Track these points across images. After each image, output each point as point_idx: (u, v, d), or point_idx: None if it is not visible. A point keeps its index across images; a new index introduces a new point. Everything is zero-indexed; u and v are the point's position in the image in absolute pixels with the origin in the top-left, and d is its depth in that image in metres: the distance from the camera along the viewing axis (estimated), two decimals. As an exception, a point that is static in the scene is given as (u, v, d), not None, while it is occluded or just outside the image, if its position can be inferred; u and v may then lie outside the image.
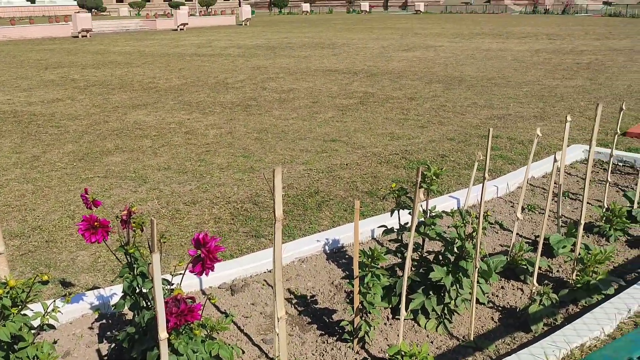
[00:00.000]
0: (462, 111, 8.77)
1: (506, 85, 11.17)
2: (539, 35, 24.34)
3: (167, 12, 47.68)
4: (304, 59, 16.76)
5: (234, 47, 21.19)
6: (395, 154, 6.39)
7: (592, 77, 12.09)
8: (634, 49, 17.83)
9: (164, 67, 15.47)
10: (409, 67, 14.24)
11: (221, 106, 9.59)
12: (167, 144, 7.10)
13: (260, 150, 6.71)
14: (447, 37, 24.29)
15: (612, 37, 22.65)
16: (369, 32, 28.57)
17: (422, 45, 20.53)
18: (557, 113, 8.53)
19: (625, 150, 6.29)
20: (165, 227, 4.46)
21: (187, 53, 19.39)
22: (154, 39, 27.26)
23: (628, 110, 8.58)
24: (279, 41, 23.70)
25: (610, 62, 14.47)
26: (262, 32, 30.11)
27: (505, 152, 6.37)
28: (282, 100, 10.01)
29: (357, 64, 15.13)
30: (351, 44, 21.41)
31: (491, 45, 20.05)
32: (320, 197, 5.06)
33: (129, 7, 57.46)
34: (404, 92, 10.68)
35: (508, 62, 15.05)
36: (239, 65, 15.55)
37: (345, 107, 9.26)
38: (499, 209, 4.80)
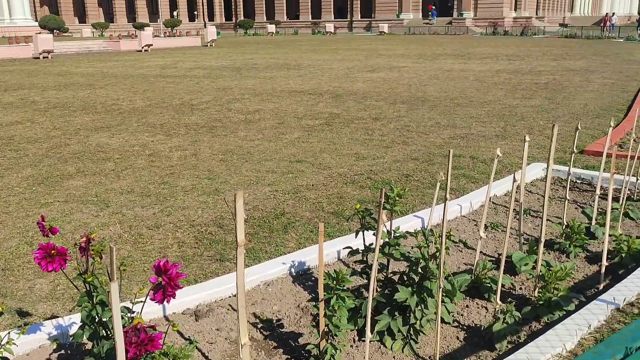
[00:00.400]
0: (425, 131, 8.90)
1: (468, 105, 11.40)
2: (499, 56, 25.00)
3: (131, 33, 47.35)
4: (269, 80, 16.82)
5: (199, 68, 21.14)
6: (361, 174, 6.43)
7: (550, 96, 12.44)
8: (589, 69, 18.45)
9: (127, 88, 15.30)
10: (373, 88, 14.42)
11: (186, 128, 9.52)
12: (130, 166, 6.99)
13: (225, 172, 6.66)
14: (410, 58, 24.74)
15: (569, 57, 23.43)
16: (334, 53, 28.90)
17: (387, 66, 20.85)
18: (518, 132, 8.74)
19: (583, 167, 6.46)
20: (127, 252, 4.36)
21: (152, 74, 19.24)
22: (118, 60, 27.00)
23: (585, 129, 8.85)
24: (245, 62, 23.75)
25: (567, 82, 14.94)
26: (228, 53, 30.14)
27: (468, 171, 6.47)
28: (247, 122, 9.99)
29: (322, 85, 15.25)
30: (316, 65, 21.60)
31: (453, 65, 20.49)
32: (286, 218, 5.05)
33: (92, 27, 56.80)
34: (368, 112, 10.79)
35: (470, 82, 15.39)
36: (204, 86, 15.50)
37: (311, 128, 9.30)
38: (462, 227, 4.86)
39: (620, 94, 12.64)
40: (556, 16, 77.00)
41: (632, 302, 3.37)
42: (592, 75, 16.65)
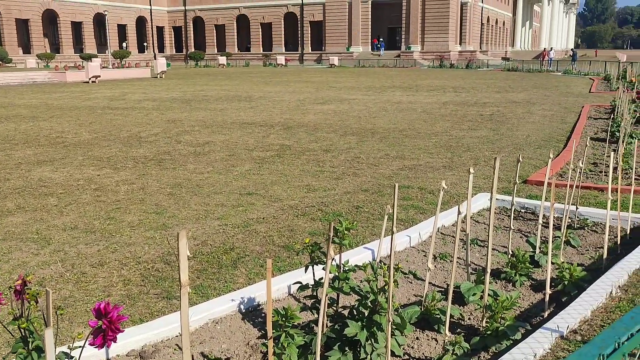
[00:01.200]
0: (375, 162, 9.03)
1: (416, 137, 11.66)
2: (446, 88, 25.79)
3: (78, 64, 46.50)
4: (220, 111, 16.76)
5: (148, 100, 20.88)
6: (312, 206, 6.43)
7: (494, 127, 12.87)
8: (531, 101, 19.25)
9: (73, 120, 14.93)
10: (324, 120, 14.57)
11: (133, 161, 9.33)
12: (75, 201, 6.78)
13: (173, 205, 6.54)
14: (360, 90, 25.20)
15: (511, 90, 24.39)
16: (286, 85, 29.14)
17: (337, 98, 21.16)
18: (464, 163, 8.97)
19: (526, 197, 6.67)
20: (69, 292, 4.19)
21: (99, 106, 18.87)
22: (64, 91, 26.39)
23: (528, 159, 9.17)
24: (195, 94, 23.63)
25: (510, 114, 15.51)
26: (178, 85, 29.95)
27: (416, 202, 6.57)
28: (197, 154, 9.89)
29: (273, 117, 15.31)
30: (268, 97, 21.70)
31: (402, 98, 20.98)
32: (236, 253, 4.97)
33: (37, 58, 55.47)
34: (320, 144, 10.87)
35: (418, 114, 15.77)
36: (153, 118, 15.30)
37: (262, 160, 9.28)
38: (412, 258, 4.90)
39: (559, 125, 13.21)
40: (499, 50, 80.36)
41: (575, 329, 3.45)
42: (534, 107, 17.35)
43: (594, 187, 7.12)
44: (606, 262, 4.62)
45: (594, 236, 5.48)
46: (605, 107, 16.66)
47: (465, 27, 64.67)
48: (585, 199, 6.57)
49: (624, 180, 7.46)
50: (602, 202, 6.35)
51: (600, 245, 5.14)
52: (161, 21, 72.65)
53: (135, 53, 67.73)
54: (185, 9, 72.13)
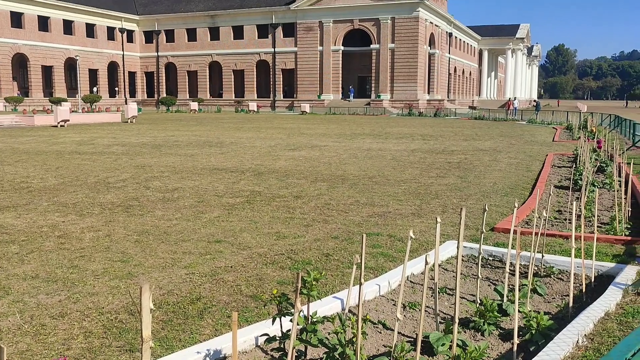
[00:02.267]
0: (345, 209, 9.06)
1: (386, 184, 11.78)
2: (414, 135, 26.28)
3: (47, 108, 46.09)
4: (190, 157, 16.71)
5: (118, 145, 20.72)
6: (281, 254, 6.38)
7: (462, 175, 13.10)
8: (497, 149, 19.72)
9: (39, 165, 14.68)
10: (295, 166, 14.64)
11: (100, 207, 9.17)
12: (37, 249, 6.59)
13: (140, 253, 6.41)
14: (331, 137, 25.49)
15: (478, 138, 24.99)
16: (257, 131, 29.31)
17: (308, 144, 21.34)
18: (433, 210, 9.06)
19: (494, 245, 6.75)
20: (27, 346, 4.02)
21: (67, 151, 18.63)
22: (31, 135, 26.02)
23: (495, 207, 9.33)
24: (166, 139, 23.56)
25: (477, 162, 15.83)
26: (149, 130, 29.84)
27: (386, 250, 6.58)
28: (166, 200, 9.78)
29: (244, 163, 15.32)
30: (239, 143, 21.76)
31: (372, 145, 21.28)
32: (202, 303, 4.87)
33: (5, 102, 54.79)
34: (290, 190, 10.89)
35: (387, 161, 15.97)
36: (122, 163, 15.15)
37: (231, 206, 9.22)
38: (381, 307, 4.87)
39: (525, 173, 13.52)
40: (466, 99, 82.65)
41: (543, 379, 3.45)
42: (500, 155, 17.77)
43: (559, 235, 7.25)
44: (572, 311, 4.67)
45: (560, 284, 5.55)
46: (568, 156, 17.17)
47: (433, 76, 66.54)
48: (550, 247, 6.68)
49: (587, 227, 7.62)
50: (567, 249, 6.47)
51: (566, 293, 5.20)
52: (133, 66, 72.90)
53: (107, 98, 67.53)
54: (158, 55, 72.65)
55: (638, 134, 21.80)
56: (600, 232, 7.34)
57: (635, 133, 22.61)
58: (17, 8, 57.19)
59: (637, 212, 8.89)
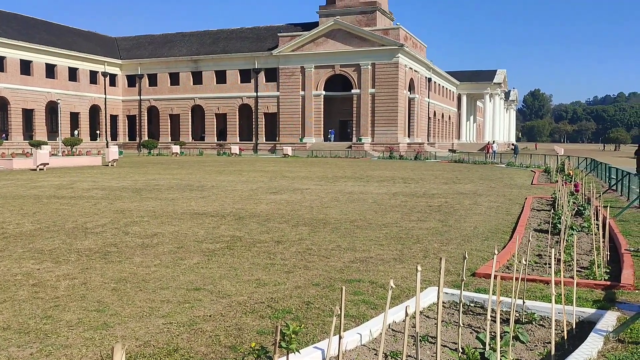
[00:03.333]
0: (326, 254, 9.00)
1: (367, 228, 11.77)
2: (395, 179, 26.46)
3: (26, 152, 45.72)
4: (171, 201, 16.58)
5: (97, 189, 20.51)
6: (261, 302, 6.28)
7: (443, 219, 13.16)
8: (477, 192, 19.91)
9: (16, 210, 14.44)
10: (276, 210, 14.59)
11: (77, 253, 9.00)
12: (10, 298, 6.41)
13: (116, 302, 6.27)
14: (313, 180, 25.55)
15: (458, 181, 25.24)
16: (239, 174, 29.30)
17: (290, 188, 21.34)
18: (414, 255, 9.05)
19: (475, 290, 6.73)
20: (-6, 403, 3.86)
21: (45, 195, 18.38)
22: (9, 179, 25.68)
23: (476, 251, 9.35)
24: (146, 183, 23.40)
25: (458, 205, 15.94)
26: (129, 174, 29.66)
27: (367, 297, 6.52)
28: (145, 246, 9.64)
29: (225, 207, 15.23)
30: (220, 186, 21.70)
31: (353, 188, 21.35)
32: (180, 355, 4.75)
33: (-16, 145, 54.24)
34: (271, 235, 10.82)
35: (369, 204, 16.01)
36: (102, 208, 14.96)
37: (211, 252, 9.11)
38: (363, 357, 4.79)
39: (505, 217, 13.63)
40: (446, 142, 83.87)
41: None
42: (480, 198, 17.93)
43: (540, 280, 7.27)
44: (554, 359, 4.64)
45: (542, 331, 5.52)
46: (546, 199, 17.38)
47: (414, 120, 67.59)
48: (531, 292, 6.68)
49: (566, 272, 7.66)
50: (547, 295, 6.47)
51: (548, 340, 5.17)
52: (115, 110, 72.98)
53: (88, 141, 67.24)
54: (141, 99, 72.91)
55: (613, 177, 22.22)
56: (580, 276, 7.38)
57: (611, 176, 23.05)
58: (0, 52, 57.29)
59: (616, 256, 8.97)
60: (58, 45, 64.22)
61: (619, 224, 12.31)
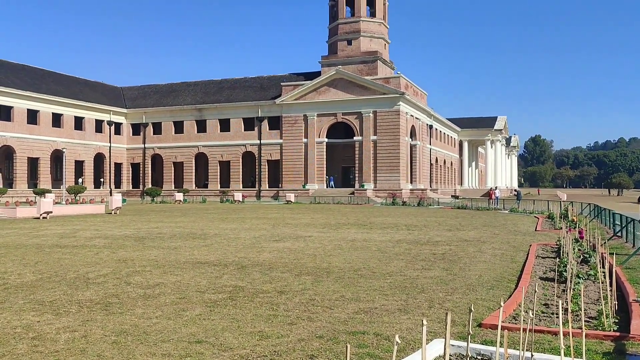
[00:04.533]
0: (330, 305, 8.89)
1: (371, 277, 11.66)
2: (399, 225, 26.37)
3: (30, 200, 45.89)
4: (173, 250, 16.51)
5: (100, 238, 20.46)
6: (264, 356, 6.17)
7: (447, 267, 13.04)
8: (481, 239, 19.79)
9: (18, 260, 14.38)
10: (279, 259, 14.50)
11: (78, 305, 8.90)
12: (9, 352, 6.31)
13: (117, 356, 6.16)
14: (316, 227, 25.47)
15: (462, 228, 25.13)
16: (242, 222, 29.25)
17: (293, 235, 21.26)
18: (419, 305, 8.92)
19: (482, 342, 6.61)
20: None
21: (47, 244, 18.34)
22: (12, 228, 25.68)
23: (481, 300, 9.23)
24: (149, 231, 23.36)
25: (462, 253, 15.83)
26: (132, 222, 29.64)
27: (372, 350, 6.41)
28: (146, 297, 9.54)
29: (228, 256, 15.15)
30: (223, 234, 21.63)
31: (356, 235, 21.26)
32: (181, 412, 4.63)
33: (-12, 193, 54.50)
34: (274, 285, 10.71)
35: (372, 252, 15.91)
36: (104, 257, 14.89)
37: (213, 303, 9.01)
38: (368, 414, 4.67)
39: (510, 265, 13.51)
40: (448, 188, 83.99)
41: None
42: (484, 245, 17.81)
43: (547, 331, 7.14)
44: (565, 415, 4.50)
45: (552, 385, 5.39)
46: (551, 246, 17.26)
47: (416, 167, 67.91)
48: (539, 344, 6.55)
49: (574, 322, 7.53)
50: (556, 347, 6.35)
51: (558, 395, 5.04)
52: (120, 158, 73.61)
53: (91, 188, 67.56)
54: (145, 147, 73.63)
55: (618, 223, 22.12)
56: (589, 327, 7.25)
57: (615, 222, 22.95)
58: (7, 102, 58.29)
59: (624, 305, 8.84)
60: (65, 95, 65.39)
61: (625, 271, 12.18)
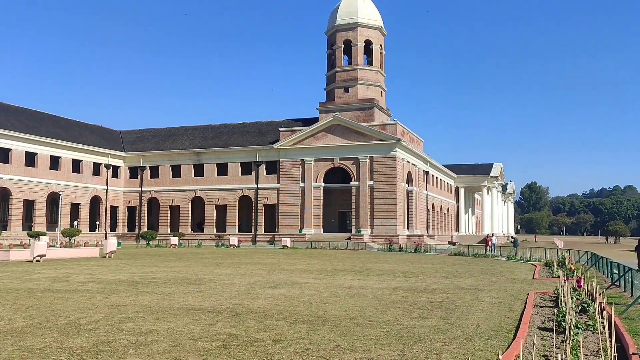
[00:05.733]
0: (325, 355, 8.73)
1: (368, 325, 11.49)
2: (395, 272, 26.14)
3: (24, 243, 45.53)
4: (167, 295, 16.29)
5: (93, 282, 20.21)
6: (257, 408, 6.01)
7: (444, 316, 12.88)
8: (478, 287, 19.61)
9: (9, 305, 14.15)
10: (274, 306, 14.30)
11: (68, 352, 8.72)
12: (-5, 403, 6.14)
13: (106, 408, 6.00)
14: (312, 273, 25.23)
15: (459, 275, 24.93)
16: (237, 267, 28.97)
17: (288, 282, 21.04)
18: (416, 356, 8.77)
19: (480, 395, 6.46)
20: None
21: (39, 288, 18.09)
22: (4, 271, 25.36)
23: (479, 351, 9.08)
24: (143, 276, 23.10)
25: (459, 301, 15.65)
26: (127, 266, 29.33)
27: (368, 402, 6.25)
28: (138, 344, 9.36)
29: (222, 302, 14.95)
30: (218, 280, 21.39)
31: (353, 282, 21.04)
32: None
33: (-18, 235, 54.05)
34: (268, 333, 10.54)
35: (369, 300, 15.72)
36: (96, 302, 14.68)
37: (207, 352, 8.84)
38: None
39: (507, 314, 13.34)
40: (445, 234, 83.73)
41: None
42: (481, 293, 17.63)
43: (547, 384, 7.00)
44: None
45: None
46: (549, 295, 17.10)
47: (412, 212, 67.86)
48: (539, 398, 6.41)
49: (575, 375, 7.40)
50: (556, 401, 6.21)
51: None
52: (116, 201, 73.42)
53: (86, 231, 67.11)
54: (142, 190, 73.57)
55: (616, 272, 21.99)
56: (589, 380, 7.11)
57: (613, 271, 22.81)
58: (6, 144, 58.54)
59: (624, 357, 8.70)
60: (63, 137, 65.77)
61: (625, 322, 12.05)
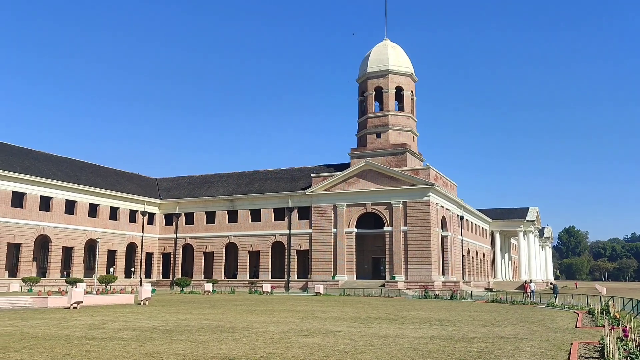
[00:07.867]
0: (362, 407, 8.51)
1: (404, 376, 11.19)
2: (431, 320, 25.55)
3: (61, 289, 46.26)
4: (201, 344, 16.23)
5: (128, 330, 20.31)
6: None
7: (484, 367, 12.46)
8: (518, 336, 18.97)
9: (46, 352, 14.30)
10: (308, 355, 14.09)
11: (104, 402, 8.72)
12: None
13: None
14: (346, 321, 24.85)
15: (497, 323, 24.20)
16: (270, 314, 28.77)
17: (322, 330, 20.75)
18: (456, 409, 8.48)
19: None
20: None
21: (76, 336, 18.26)
22: (42, 318, 25.75)
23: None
24: (177, 323, 23.12)
25: (499, 351, 15.15)
26: (161, 313, 29.43)
27: None
28: (173, 395, 9.30)
29: (256, 350, 14.81)
30: (251, 328, 21.25)
31: (388, 330, 20.63)
32: None
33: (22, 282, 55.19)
34: (303, 384, 10.35)
35: (405, 349, 15.35)
36: (131, 350, 14.72)
37: (241, 403, 8.71)
38: None
39: (550, 365, 12.84)
40: (481, 280, 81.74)
41: None
42: (522, 343, 17.05)
43: None
44: None
45: None
46: (594, 345, 16.42)
47: (447, 258, 66.64)
48: None
49: None
50: None
51: None
52: (151, 247, 74.34)
53: (122, 278, 67.87)
54: (177, 237, 74.43)
55: (664, 320, 21.01)
56: None
57: (661, 320, 21.81)
58: (47, 192, 60.35)
59: (678, 414, 8.23)
60: (102, 186, 67.52)
61: (676, 375, 11.44)
